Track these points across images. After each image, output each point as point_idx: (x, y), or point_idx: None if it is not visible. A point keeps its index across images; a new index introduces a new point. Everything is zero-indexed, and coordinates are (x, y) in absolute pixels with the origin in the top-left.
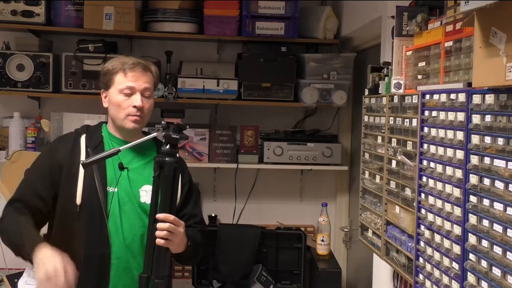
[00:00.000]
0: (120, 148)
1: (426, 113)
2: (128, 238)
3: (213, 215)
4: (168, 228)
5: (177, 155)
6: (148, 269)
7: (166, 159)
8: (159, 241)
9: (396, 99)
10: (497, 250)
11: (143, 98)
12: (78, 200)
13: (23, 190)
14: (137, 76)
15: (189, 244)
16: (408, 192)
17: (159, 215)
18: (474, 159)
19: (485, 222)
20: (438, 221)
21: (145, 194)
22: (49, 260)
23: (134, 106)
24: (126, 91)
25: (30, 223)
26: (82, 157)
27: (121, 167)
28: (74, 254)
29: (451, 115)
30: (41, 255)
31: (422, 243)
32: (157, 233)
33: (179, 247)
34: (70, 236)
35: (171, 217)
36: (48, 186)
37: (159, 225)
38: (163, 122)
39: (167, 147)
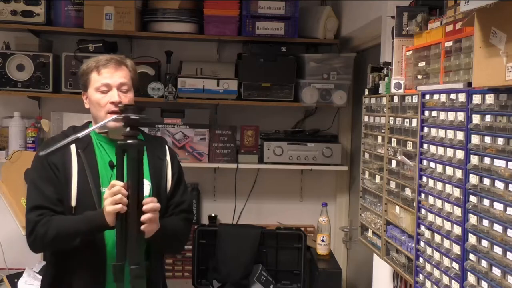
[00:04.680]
0: (79, 135)
1: (426, 113)
2: None
3: (213, 215)
4: (153, 208)
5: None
6: (121, 258)
7: (128, 141)
8: (145, 227)
9: (396, 99)
10: (497, 250)
11: (121, 93)
12: (73, 202)
13: (36, 198)
14: (111, 72)
15: (158, 230)
16: (408, 192)
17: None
18: (474, 159)
19: (485, 222)
20: (438, 221)
21: None
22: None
23: (112, 102)
24: (103, 89)
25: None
26: (74, 158)
27: (112, 166)
28: (70, 255)
29: (451, 115)
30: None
31: (422, 243)
32: (144, 217)
33: (152, 231)
34: None
35: (153, 199)
36: (54, 189)
37: (145, 207)
38: (120, 105)
39: (128, 129)
